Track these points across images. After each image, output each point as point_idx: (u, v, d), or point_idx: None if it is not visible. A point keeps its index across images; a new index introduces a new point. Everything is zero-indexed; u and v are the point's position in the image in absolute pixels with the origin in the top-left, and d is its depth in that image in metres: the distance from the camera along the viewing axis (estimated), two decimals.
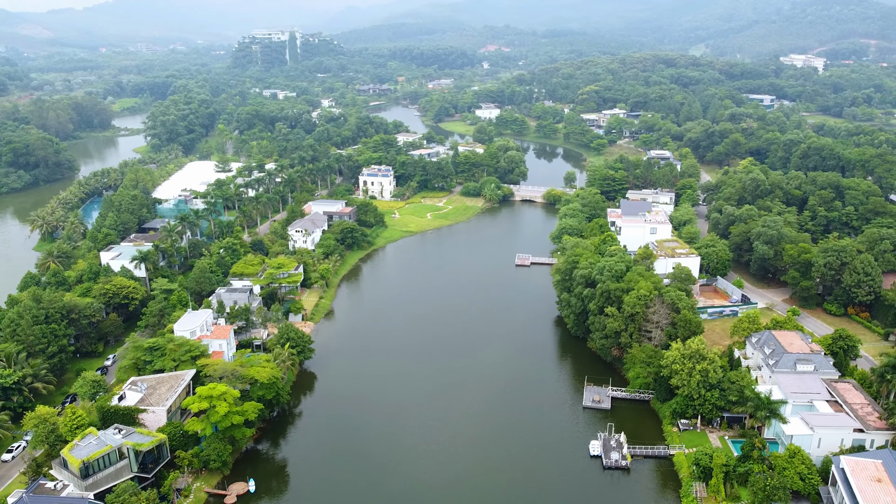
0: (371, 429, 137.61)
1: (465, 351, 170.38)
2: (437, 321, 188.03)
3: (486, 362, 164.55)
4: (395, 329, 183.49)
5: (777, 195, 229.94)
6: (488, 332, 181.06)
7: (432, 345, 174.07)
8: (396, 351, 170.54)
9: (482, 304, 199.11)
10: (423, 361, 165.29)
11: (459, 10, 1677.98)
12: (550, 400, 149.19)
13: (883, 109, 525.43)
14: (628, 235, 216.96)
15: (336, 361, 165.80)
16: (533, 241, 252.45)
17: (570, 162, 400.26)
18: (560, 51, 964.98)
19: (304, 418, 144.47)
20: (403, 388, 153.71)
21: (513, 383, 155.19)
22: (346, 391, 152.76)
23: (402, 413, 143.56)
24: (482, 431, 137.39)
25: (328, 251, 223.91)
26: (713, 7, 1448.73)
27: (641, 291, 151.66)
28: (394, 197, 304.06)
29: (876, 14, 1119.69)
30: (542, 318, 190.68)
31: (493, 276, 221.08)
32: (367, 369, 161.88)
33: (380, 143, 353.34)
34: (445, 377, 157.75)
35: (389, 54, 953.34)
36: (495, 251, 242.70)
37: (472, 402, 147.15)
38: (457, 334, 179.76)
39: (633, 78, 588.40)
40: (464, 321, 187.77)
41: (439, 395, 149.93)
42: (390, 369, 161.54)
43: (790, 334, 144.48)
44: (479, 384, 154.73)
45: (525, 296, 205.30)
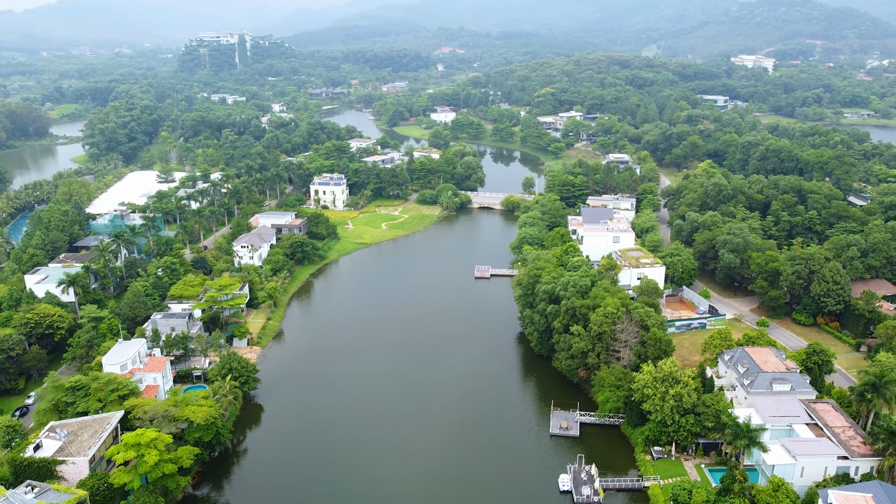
0: (323, 465, 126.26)
1: (424, 374, 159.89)
2: (393, 341, 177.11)
3: (446, 387, 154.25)
4: (349, 351, 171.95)
5: (740, 200, 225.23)
6: (448, 352, 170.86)
7: (389, 368, 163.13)
8: (350, 376, 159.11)
9: (441, 321, 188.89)
10: (380, 387, 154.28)
11: (413, 11, 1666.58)
12: (515, 428, 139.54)
13: (833, 109, 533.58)
14: (591, 245, 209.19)
15: (285, 390, 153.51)
16: (492, 250, 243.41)
17: (527, 166, 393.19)
18: (515, 52, 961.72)
19: (248, 457, 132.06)
20: (358, 417, 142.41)
21: (475, 410, 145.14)
22: (295, 424, 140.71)
23: (358, 446, 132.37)
24: (444, 466, 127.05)
25: (277, 267, 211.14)
26: (663, 8, 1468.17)
27: (608, 309, 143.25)
28: (347, 206, 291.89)
29: (820, 15, 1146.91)
30: (503, 335, 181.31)
31: (451, 290, 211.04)
32: (318, 398, 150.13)
33: (332, 150, 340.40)
34: (404, 404, 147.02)
35: (342, 57, 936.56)
36: (454, 263, 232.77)
37: (433, 433, 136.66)
38: (414, 355, 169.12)
39: (588, 80, 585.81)
40: (422, 341, 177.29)
41: (398, 425, 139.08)
42: (344, 397, 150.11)
43: (764, 351, 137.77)
44: (439, 412, 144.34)
45: (485, 311, 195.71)
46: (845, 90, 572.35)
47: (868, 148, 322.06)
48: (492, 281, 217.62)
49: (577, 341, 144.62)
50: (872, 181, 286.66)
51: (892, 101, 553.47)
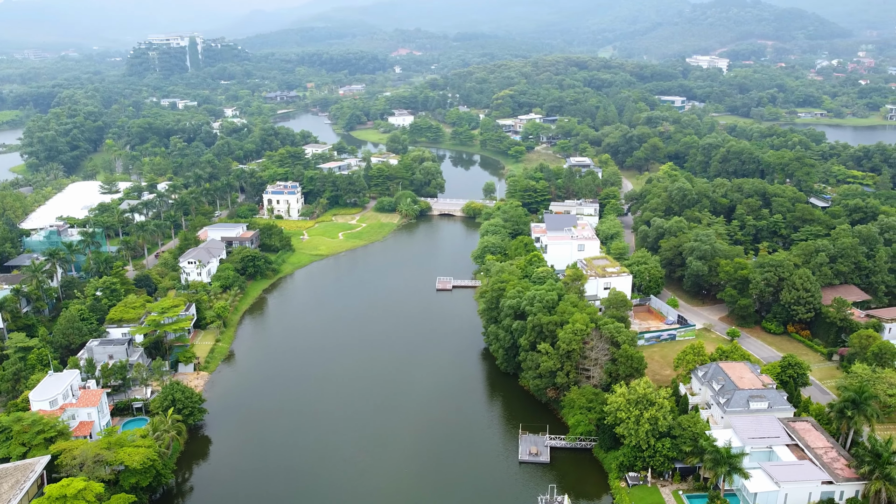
0: (277, 503, 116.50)
1: (384, 397, 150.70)
2: (351, 361, 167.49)
3: (408, 411, 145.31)
4: (305, 374, 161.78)
5: (704, 204, 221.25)
6: (409, 372, 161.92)
7: (347, 391, 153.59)
8: (306, 401, 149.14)
9: (402, 338, 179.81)
10: (337, 413, 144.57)
11: (369, 13, 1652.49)
12: (482, 455, 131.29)
13: (787, 109, 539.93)
14: (555, 254, 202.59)
15: (235, 420, 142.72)
16: (454, 260, 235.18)
17: (488, 170, 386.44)
18: (472, 54, 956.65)
19: (194, 498, 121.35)
20: (315, 446, 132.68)
21: (439, 437, 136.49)
22: (246, 458, 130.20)
23: (314, 480, 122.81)
24: (407, 502, 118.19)
25: (227, 283, 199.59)
26: (618, 9, 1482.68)
27: (577, 325, 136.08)
28: (302, 216, 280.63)
29: (770, 16, 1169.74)
30: (467, 352, 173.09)
31: (412, 304, 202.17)
32: (271, 427, 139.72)
33: (286, 157, 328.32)
34: (363, 431, 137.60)
35: (298, 59, 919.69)
36: (414, 274, 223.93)
37: (394, 464, 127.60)
38: (374, 376, 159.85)
39: (547, 81, 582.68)
40: (381, 360, 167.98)
41: (356, 455, 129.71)
42: (299, 425, 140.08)
43: (738, 366, 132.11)
44: (401, 440, 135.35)
45: (448, 326, 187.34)
46: (798, 90, 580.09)
47: (825, 148, 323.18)
48: (454, 293, 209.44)
49: (545, 360, 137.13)
50: (831, 182, 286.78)
51: (843, 100, 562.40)
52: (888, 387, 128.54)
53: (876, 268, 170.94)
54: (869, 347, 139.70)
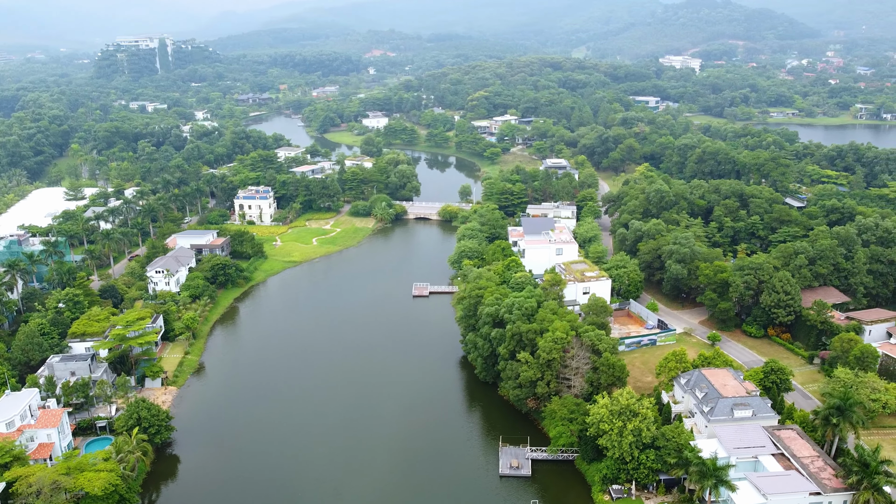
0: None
1: (361, 408, 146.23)
2: (326, 372, 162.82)
3: (385, 422, 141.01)
4: (278, 385, 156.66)
5: (682, 206, 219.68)
6: (386, 382, 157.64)
7: (322, 402, 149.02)
8: (279, 414, 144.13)
9: (378, 347, 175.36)
10: (312, 425, 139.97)
11: (342, 14, 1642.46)
12: (461, 468, 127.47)
13: (759, 108, 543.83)
14: (533, 258, 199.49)
15: (204, 437, 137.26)
16: (430, 265, 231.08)
17: (463, 172, 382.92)
18: (446, 55, 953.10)
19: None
20: (289, 462, 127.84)
21: (417, 449, 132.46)
22: (216, 476, 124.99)
23: (289, 497, 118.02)
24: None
25: (196, 293, 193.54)
26: (591, 10, 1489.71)
27: (557, 334, 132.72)
28: (275, 221, 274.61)
29: (741, 16, 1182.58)
30: (445, 360, 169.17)
31: (388, 310, 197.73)
32: (242, 442, 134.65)
33: (258, 161, 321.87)
34: (339, 444, 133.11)
35: (270, 61, 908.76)
36: (390, 280, 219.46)
37: (372, 478, 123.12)
38: (350, 387, 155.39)
39: (521, 82, 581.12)
40: (357, 370, 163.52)
41: (333, 469, 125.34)
42: (272, 439, 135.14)
43: (721, 372, 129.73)
44: (378, 452, 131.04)
45: (425, 333, 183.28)
46: (770, 90, 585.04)
47: (799, 148, 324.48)
48: (431, 299, 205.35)
49: (525, 370, 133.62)
50: (806, 181, 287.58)
51: (814, 100, 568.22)
52: (871, 391, 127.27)
53: (855, 269, 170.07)
54: (851, 351, 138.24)
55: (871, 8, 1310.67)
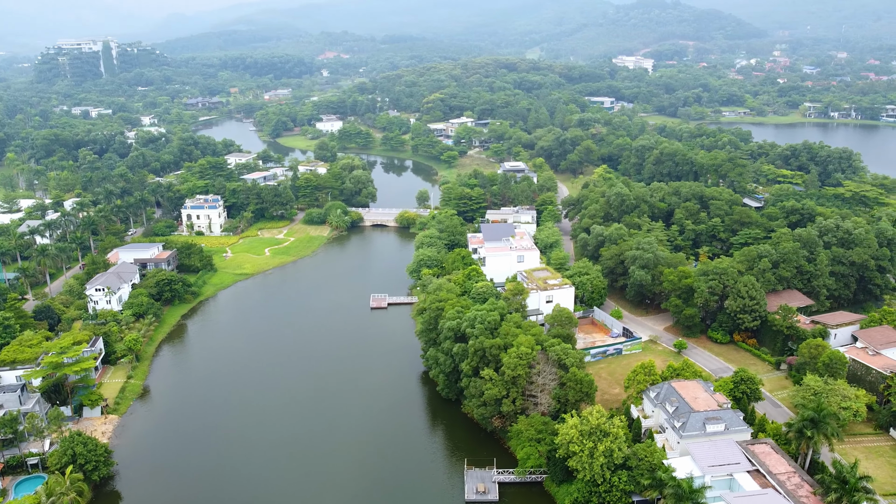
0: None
1: (317, 430, 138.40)
2: (280, 391, 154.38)
3: (343, 443, 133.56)
4: (228, 407, 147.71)
5: (643, 209, 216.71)
6: (343, 399, 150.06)
7: (275, 423, 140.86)
8: (230, 438, 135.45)
9: (335, 362, 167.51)
10: (266, 448, 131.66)
11: (295, 15, 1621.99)
12: (424, 493, 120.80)
13: (712, 108, 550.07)
14: (494, 266, 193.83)
15: (149, 469, 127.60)
16: (388, 274, 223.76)
17: (420, 176, 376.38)
18: (401, 57, 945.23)
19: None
20: (241, 494, 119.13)
21: (377, 473, 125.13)
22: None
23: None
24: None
25: (140, 311, 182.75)
26: (544, 11, 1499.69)
27: (522, 349, 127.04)
28: (225, 231, 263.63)
29: (690, 17, 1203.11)
30: (406, 375, 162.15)
31: (345, 324, 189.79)
32: (190, 472, 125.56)
33: (207, 168, 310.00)
34: (293, 467, 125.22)
35: (220, 64, 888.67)
36: (346, 291, 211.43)
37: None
38: (305, 407, 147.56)
39: (477, 84, 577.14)
40: (313, 388, 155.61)
41: (288, 497, 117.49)
42: (222, 465, 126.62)
43: (691, 384, 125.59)
44: (335, 475, 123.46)
45: (384, 347, 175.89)
46: (722, 89, 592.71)
47: (754, 148, 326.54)
48: (389, 311, 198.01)
49: (489, 387, 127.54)
50: (762, 181, 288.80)
51: (764, 99, 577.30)
52: (841, 399, 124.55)
53: (817, 271, 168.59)
54: (819, 357, 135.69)
55: (813, 9, 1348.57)
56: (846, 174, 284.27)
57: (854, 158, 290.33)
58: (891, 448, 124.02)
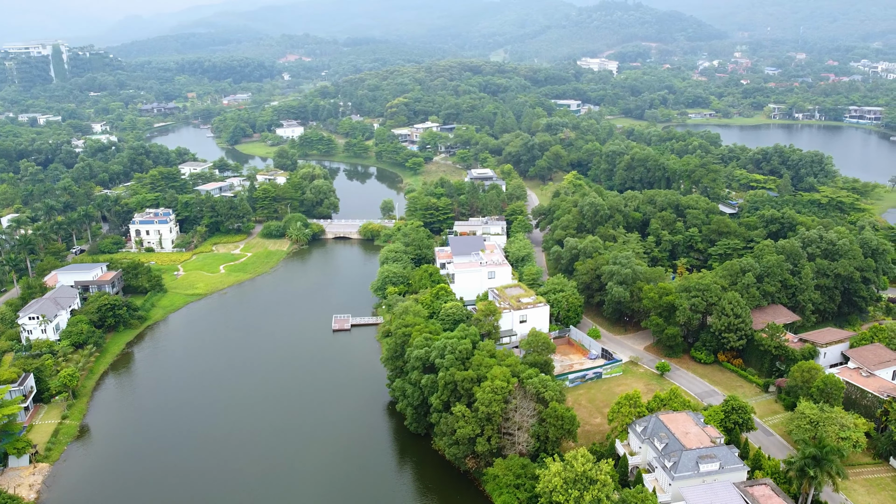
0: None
1: (276, 468, 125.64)
2: (235, 423, 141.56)
3: (303, 483, 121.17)
4: (177, 444, 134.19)
5: (617, 220, 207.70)
6: (303, 434, 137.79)
7: (229, 461, 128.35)
8: (178, 479, 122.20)
9: (294, 391, 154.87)
10: (220, 490, 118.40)
11: (255, 18, 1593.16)
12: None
13: (678, 110, 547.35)
14: (463, 284, 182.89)
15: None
16: (352, 292, 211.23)
17: (385, 183, 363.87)
18: (364, 60, 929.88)
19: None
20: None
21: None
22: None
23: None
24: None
25: (80, 340, 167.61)
26: (507, 13, 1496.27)
27: (497, 382, 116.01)
28: (177, 247, 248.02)
29: (652, 19, 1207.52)
30: (371, 406, 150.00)
31: (306, 348, 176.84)
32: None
33: (158, 179, 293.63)
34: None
35: (177, 68, 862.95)
36: (307, 312, 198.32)
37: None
38: (262, 441, 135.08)
39: (441, 87, 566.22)
40: (271, 420, 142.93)
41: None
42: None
43: (680, 417, 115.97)
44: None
45: (348, 374, 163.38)
46: (687, 91, 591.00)
47: (725, 151, 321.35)
48: (353, 333, 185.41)
49: (462, 425, 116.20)
50: (735, 186, 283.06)
51: (729, 100, 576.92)
52: (840, 428, 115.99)
53: (802, 285, 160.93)
54: (813, 382, 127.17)
55: (771, 10, 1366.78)
56: (818, 178, 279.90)
57: (826, 162, 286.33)
58: (892, 480, 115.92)
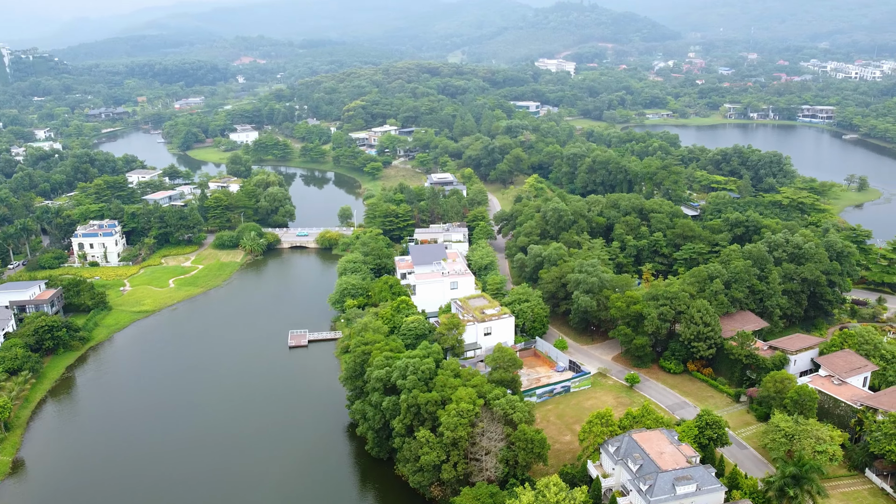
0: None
1: (228, 500, 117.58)
2: (186, 450, 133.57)
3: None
4: (123, 475, 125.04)
5: (581, 225, 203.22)
6: (258, 458, 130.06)
7: (182, 491, 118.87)
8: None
9: (248, 413, 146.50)
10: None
11: (208, 20, 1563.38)
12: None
13: (636, 110, 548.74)
14: (425, 295, 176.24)
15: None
16: (309, 305, 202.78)
17: (343, 189, 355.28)
18: (320, 62, 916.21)
19: None
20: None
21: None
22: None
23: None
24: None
25: (14, 366, 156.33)
26: (464, 15, 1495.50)
27: (462, 405, 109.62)
28: (123, 261, 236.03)
29: (608, 20, 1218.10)
30: (330, 428, 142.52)
31: (261, 367, 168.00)
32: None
33: (104, 188, 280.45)
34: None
35: (127, 71, 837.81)
36: (262, 328, 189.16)
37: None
38: (215, 468, 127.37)
39: (399, 90, 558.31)
40: (224, 445, 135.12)
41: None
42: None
43: (654, 435, 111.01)
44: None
45: (305, 394, 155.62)
46: (644, 91, 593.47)
47: (685, 152, 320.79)
48: (311, 349, 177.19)
49: (427, 452, 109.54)
50: (696, 187, 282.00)
51: (685, 100, 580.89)
52: (816, 441, 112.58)
53: (770, 290, 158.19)
54: (786, 393, 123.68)
55: (722, 11, 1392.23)
56: (777, 178, 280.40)
57: (784, 162, 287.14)
58: (869, 493, 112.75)
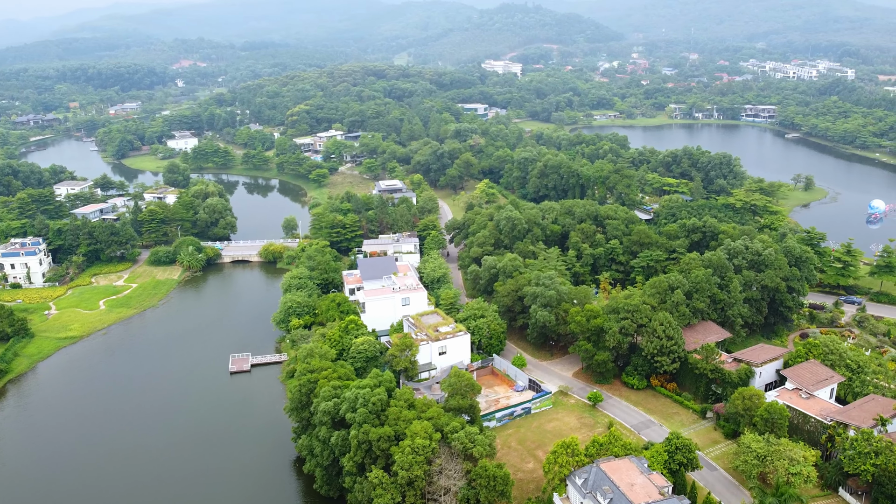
0: None
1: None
2: (115, 492, 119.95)
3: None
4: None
5: (536, 234, 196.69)
6: (197, 498, 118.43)
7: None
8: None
9: (185, 448, 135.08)
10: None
11: (145, 22, 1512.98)
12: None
13: (583, 112, 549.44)
14: (375, 313, 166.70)
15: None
16: (252, 325, 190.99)
17: (288, 197, 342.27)
18: (263, 65, 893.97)
19: None
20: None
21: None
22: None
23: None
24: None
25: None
26: (409, 16, 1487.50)
27: (418, 441, 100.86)
28: (49, 282, 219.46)
29: (552, 21, 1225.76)
30: (275, 463, 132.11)
31: (199, 395, 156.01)
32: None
33: (28, 203, 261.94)
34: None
35: (58, 75, 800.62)
36: (201, 352, 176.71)
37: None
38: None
39: (344, 93, 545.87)
40: (160, 484, 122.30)
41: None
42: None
43: (623, 465, 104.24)
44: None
45: (248, 425, 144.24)
46: (591, 93, 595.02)
47: (635, 154, 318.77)
48: (254, 374, 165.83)
49: (380, 495, 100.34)
50: (647, 190, 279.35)
51: (632, 101, 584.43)
52: (789, 463, 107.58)
53: (731, 300, 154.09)
54: (755, 410, 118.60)
55: (663, 12, 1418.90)
56: (728, 179, 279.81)
57: (734, 163, 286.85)
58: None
